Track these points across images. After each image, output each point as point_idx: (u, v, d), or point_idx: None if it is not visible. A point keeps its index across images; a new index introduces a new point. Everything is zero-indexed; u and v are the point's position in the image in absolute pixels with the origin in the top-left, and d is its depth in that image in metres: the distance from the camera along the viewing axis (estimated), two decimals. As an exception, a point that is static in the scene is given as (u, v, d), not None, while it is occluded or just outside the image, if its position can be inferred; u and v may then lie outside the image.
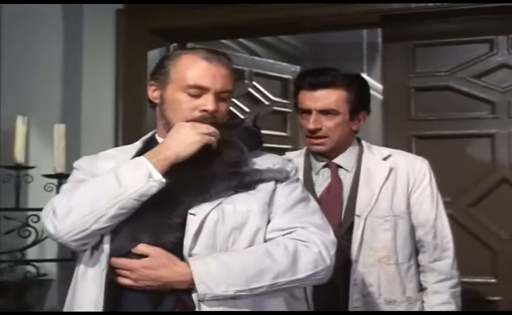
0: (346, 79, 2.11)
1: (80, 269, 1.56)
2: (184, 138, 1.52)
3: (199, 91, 1.59)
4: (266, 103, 4.00)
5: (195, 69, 1.60)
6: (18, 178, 2.75)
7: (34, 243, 2.72)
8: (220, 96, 1.61)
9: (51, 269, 2.92)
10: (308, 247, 1.53)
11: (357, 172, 2.13)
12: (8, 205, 2.77)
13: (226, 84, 1.62)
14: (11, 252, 2.80)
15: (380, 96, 3.24)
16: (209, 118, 1.58)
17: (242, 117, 3.28)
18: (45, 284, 2.89)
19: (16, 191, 2.74)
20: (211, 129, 1.55)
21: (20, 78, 3.01)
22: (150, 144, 1.67)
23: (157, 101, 1.67)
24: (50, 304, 2.88)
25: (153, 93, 1.68)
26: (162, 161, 1.50)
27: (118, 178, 1.48)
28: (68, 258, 2.57)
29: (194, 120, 1.58)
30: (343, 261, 1.99)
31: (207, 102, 1.59)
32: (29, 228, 2.70)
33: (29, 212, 2.71)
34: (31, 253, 2.84)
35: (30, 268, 2.80)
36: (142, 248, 1.48)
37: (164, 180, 1.48)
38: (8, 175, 2.75)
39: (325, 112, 2.08)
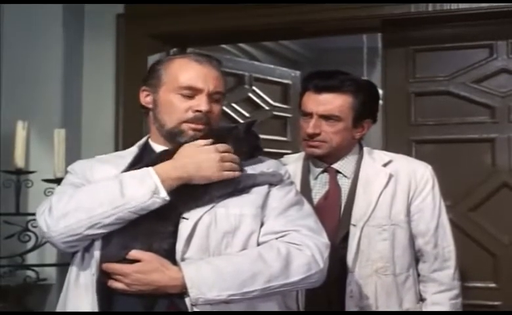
0: (355, 85, 2.03)
1: (72, 274, 1.57)
2: (207, 168, 1.51)
3: (192, 92, 1.60)
4: (266, 108, 4.00)
5: (187, 71, 1.62)
6: (18, 182, 2.76)
7: (34, 248, 2.71)
8: (213, 98, 1.62)
9: (51, 274, 2.91)
10: (301, 251, 1.52)
11: (355, 178, 2.06)
12: (9, 209, 2.78)
13: (218, 86, 1.64)
14: (11, 257, 2.81)
15: (380, 101, 3.23)
16: (202, 118, 1.59)
17: (242, 121, 3.27)
18: (45, 289, 2.89)
19: (16, 196, 2.75)
20: (235, 160, 1.55)
21: (20, 83, 3.03)
22: (145, 150, 1.67)
23: (150, 106, 1.68)
24: (49, 308, 2.87)
25: (145, 98, 1.69)
26: (173, 180, 1.49)
27: (122, 187, 1.46)
28: (68, 263, 2.56)
29: (187, 121, 1.59)
30: (338, 272, 1.95)
31: (201, 103, 1.60)
32: (29, 233, 2.69)
33: (29, 217, 2.70)
34: (31, 258, 2.85)
35: (30, 273, 2.80)
36: (134, 253, 1.47)
37: (168, 198, 1.47)
38: (9, 180, 2.75)
39: (326, 117, 2.01)
